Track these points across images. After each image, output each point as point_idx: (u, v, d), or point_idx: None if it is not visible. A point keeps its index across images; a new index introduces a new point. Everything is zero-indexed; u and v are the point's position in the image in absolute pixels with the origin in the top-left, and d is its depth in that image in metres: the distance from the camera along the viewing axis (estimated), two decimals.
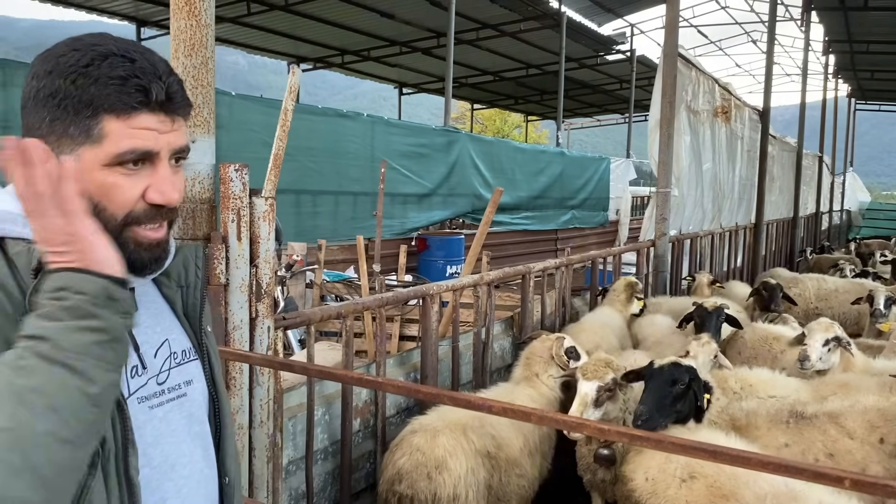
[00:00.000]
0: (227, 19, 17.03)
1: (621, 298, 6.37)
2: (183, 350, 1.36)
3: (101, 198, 1.14)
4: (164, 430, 1.27)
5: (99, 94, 1.11)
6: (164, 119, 1.16)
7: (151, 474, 1.22)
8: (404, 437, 3.52)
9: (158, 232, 1.21)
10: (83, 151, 1.12)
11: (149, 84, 1.13)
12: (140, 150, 1.14)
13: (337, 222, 10.12)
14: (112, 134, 1.12)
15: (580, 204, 17.32)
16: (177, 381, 1.32)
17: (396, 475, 3.37)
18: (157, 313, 1.35)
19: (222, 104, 8.33)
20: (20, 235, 1.13)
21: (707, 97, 9.55)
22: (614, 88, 27.96)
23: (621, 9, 21.71)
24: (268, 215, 2.77)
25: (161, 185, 1.17)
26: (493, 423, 3.64)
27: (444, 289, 4.44)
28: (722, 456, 1.68)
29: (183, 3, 2.58)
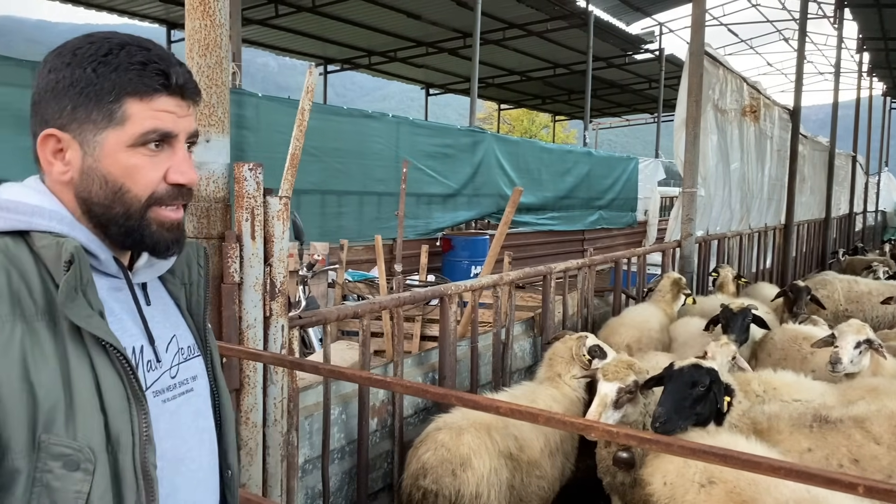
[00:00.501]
0: (255, 21, 17.21)
1: (667, 297, 6.36)
2: (188, 346, 1.39)
3: (126, 179, 1.20)
4: (175, 424, 1.29)
5: (120, 80, 1.17)
6: (182, 103, 1.23)
7: (162, 467, 1.24)
8: (429, 433, 3.54)
9: (178, 213, 1.26)
10: (107, 135, 1.18)
11: (168, 69, 1.20)
12: (162, 131, 1.20)
13: (361, 222, 10.15)
14: (135, 116, 1.18)
15: (608, 204, 17.15)
16: (185, 375, 1.35)
17: (421, 469, 3.39)
18: (165, 309, 1.38)
19: (249, 105, 8.42)
20: (47, 229, 1.17)
21: (735, 96, 9.41)
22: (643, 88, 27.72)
23: (650, 7, 21.53)
24: (282, 214, 2.78)
25: (181, 166, 1.23)
26: (516, 423, 3.63)
27: (463, 289, 4.42)
28: (732, 460, 1.64)
29: (197, 4, 2.59)
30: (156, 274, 1.37)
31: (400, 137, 10.71)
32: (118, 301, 1.26)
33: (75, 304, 1.10)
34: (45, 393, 1.07)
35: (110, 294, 1.25)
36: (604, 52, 21.31)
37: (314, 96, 3.26)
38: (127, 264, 1.30)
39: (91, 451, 1.10)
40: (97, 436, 1.11)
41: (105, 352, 1.14)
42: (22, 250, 1.14)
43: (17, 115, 6.11)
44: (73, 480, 1.08)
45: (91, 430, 1.10)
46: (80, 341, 1.13)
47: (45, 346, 1.09)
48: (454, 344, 4.29)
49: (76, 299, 1.10)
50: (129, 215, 1.20)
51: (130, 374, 1.16)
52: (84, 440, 1.09)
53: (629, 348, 5.44)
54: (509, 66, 23.31)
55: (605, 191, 16.93)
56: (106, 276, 1.26)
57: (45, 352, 1.09)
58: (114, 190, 1.19)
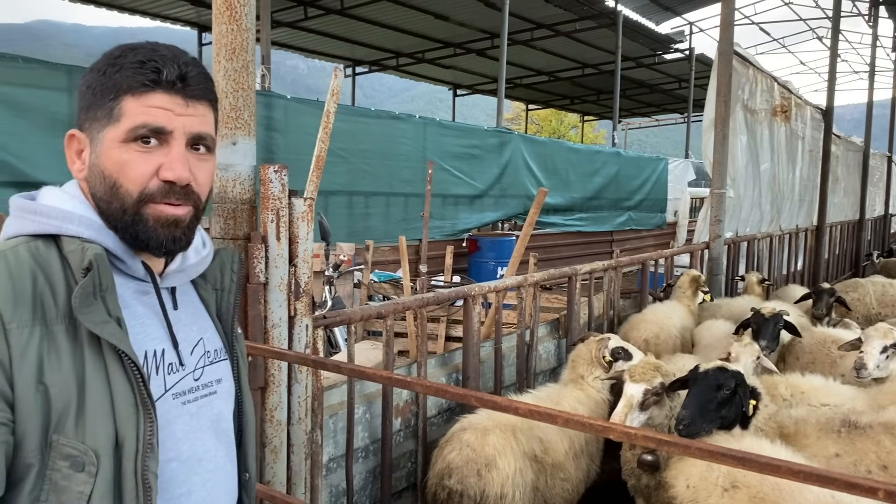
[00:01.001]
0: (284, 23, 17.39)
1: (687, 294, 6.34)
2: (215, 349, 1.41)
3: (118, 175, 1.21)
4: (194, 426, 1.31)
5: (120, 78, 1.20)
6: (179, 101, 1.22)
7: (179, 467, 1.27)
8: (454, 433, 3.56)
9: (177, 209, 1.24)
10: (106, 132, 1.21)
11: (163, 66, 1.21)
12: (152, 126, 1.20)
13: (388, 223, 10.20)
14: (128, 112, 1.20)
15: (637, 205, 17.02)
16: (209, 378, 1.37)
17: (446, 469, 3.41)
18: (194, 312, 1.40)
19: (278, 107, 8.51)
20: (76, 234, 1.20)
21: (765, 96, 9.29)
22: (673, 88, 27.48)
23: (679, 7, 21.33)
24: (306, 216, 2.82)
25: (171, 163, 1.21)
26: (540, 425, 3.63)
27: (487, 290, 4.43)
28: (750, 463, 1.63)
29: (224, 9, 2.64)
30: (186, 278, 1.39)
31: (427, 138, 10.74)
32: (144, 304, 1.29)
33: (91, 310, 1.13)
34: (57, 394, 1.10)
35: (137, 297, 1.28)
36: (633, 52, 21.16)
37: (341, 98, 3.30)
38: (162, 268, 1.33)
39: (95, 455, 1.12)
40: (104, 440, 1.13)
41: (118, 358, 1.16)
42: (52, 254, 1.18)
43: (53, 117, 6.26)
44: (77, 481, 1.11)
45: (98, 433, 1.13)
46: (98, 346, 1.15)
47: (61, 350, 1.12)
48: (478, 345, 4.30)
49: (93, 305, 1.13)
50: (124, 210, 1.21)
51: (140, 382, 1.17)
52: (91, 443, 1.12)
53: (647, 343, 5.43)
54: (537, 66, 23.25)
55: (634, 191, 16.80)
56: (134, 280, 1.29)
57: (60, 355, 1.12)
58: (110, 185, 1.22)
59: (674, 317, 5.86)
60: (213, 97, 1.31)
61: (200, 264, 1.40)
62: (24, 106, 6.11)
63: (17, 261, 1.14)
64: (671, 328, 5.66)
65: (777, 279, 10.29)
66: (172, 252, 1.28)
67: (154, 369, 1.26)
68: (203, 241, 1.43)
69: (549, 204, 13.30)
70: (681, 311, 6.15)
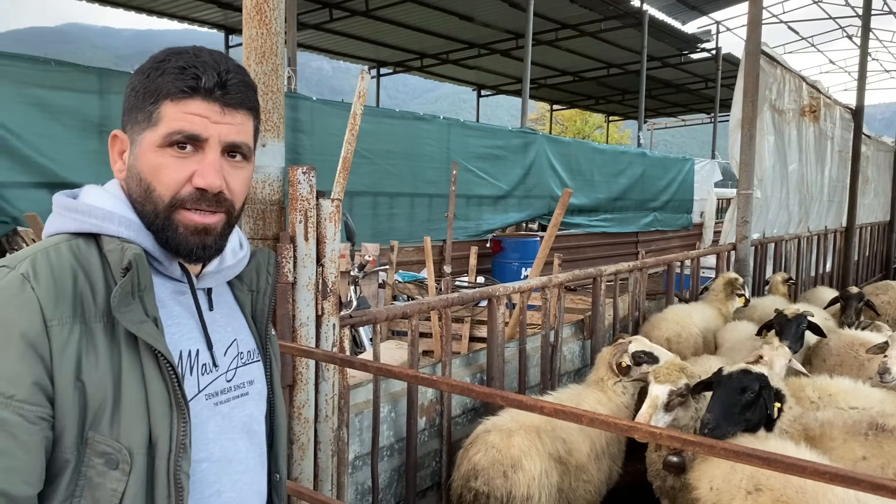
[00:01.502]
0: (310, 26, 17.52)
1: (720, 297, 6.32)
2: (248, 351, 1.42)
3: (152, 178, 1.22)
4: (226, 427, 1.32)
5: (161, 83, 1.21)
6: (216, 108, 1.22)
7: (210, 468, 1.28)
8: (479, 434, 3.56)
9: (207, 217, 1.24)
10: (145, 135, 1.22)
11: (202, 73, 1.21)
12: (187, 133, 1.20)
13: (413, 224, 10.24)
14: (166, 117, 1.20)
15: (662, 206, 16.90)
16: (241, 379, 1.38)
17: (472, 471, 3.41)
18: (229, 314, 1.41)
19: (304, 109, 8.58)
20: (115, 234, 1.22)
21: (793, 96, 9.19)
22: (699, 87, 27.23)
23: (706, 6, 21.15)
24: (333, 216, 2.86)
25: (204, 170, 1.21)
26: (563, 426, 3.64)
27: (511, 290, 4.44)
28: (776, 463, 1.64)
29: (254, 13, 2.69)
30: (222, 279, 1.40)
31: (451, 139, 10.77)
32: (181, 305, 1.30)
33: (129, 310, 1.15)
34: (93, 391, 1.12)
35: (174, 298, 1.30)
36: (659, 52, 21.01)
37: (366, 100, 3.33)
38: (200, 269, 1.34)
39: (129, 453, 1.14)
40: (138, 438, 1.15)
41: (154, 358, 1.17)
42: (92, 253, 1.20)
43: (84, 119, 6.38)
44: (111, 478, 1.12)
45: (133, 432, 1.14)
46: (135, 346, 1.17)
47: (99, 348, 1.14)
48: (502, 345, 4.31)
49: (131, 304, 1.15)
50: (156, 214, 1.22)
51: (175, 382, 1.18)
52: (125, 441, 1.14)
53: (668, 342, 5.42)
54: (562, 66, 23.17)
55: (659, 192, 16.69)
56: (171, 280, 1.30)
57: (98, 353, 1.14)
58: (144, 188, 1.22)
59: (695, 316, 5.83)
60: (253, 105, 1.30)
61: (237, 266, 1.41)
62: (57, 108, 6.23)
63: (59, 259, 1.16)
64: (692, 327, 5.64)
65: (805, 281, 10.17)
66: (202, 259, 1.29)
67: (188, 370, 1.27)
68: (241, 242, 1.44)
69: (573, 204, 13.26)
70: (707, 312, 6.12)
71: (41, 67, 6.21)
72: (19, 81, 6.02)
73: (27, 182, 6.03)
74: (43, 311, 1.10)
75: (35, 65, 6.17)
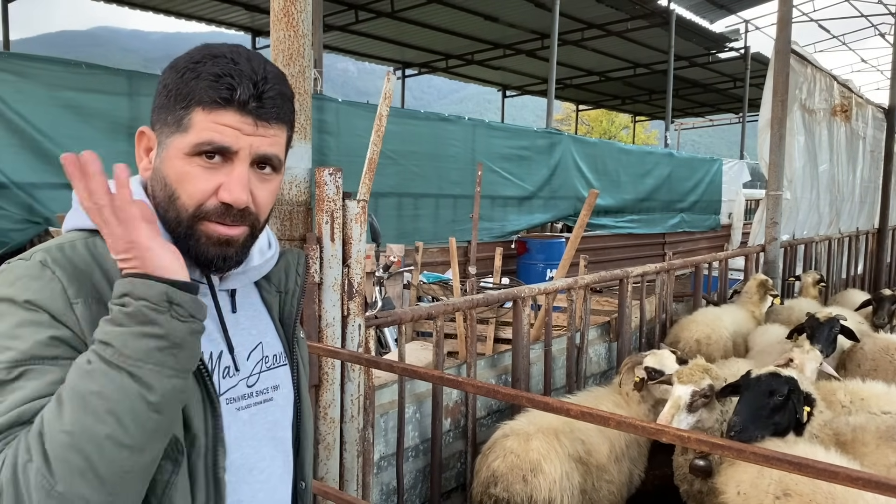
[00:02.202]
0: (336, 27, 17.60)
1: (753, 299, 6.27)
2: (274, 354, 1.38)
3: (177, 186, 1.17)
4: (247, 434, 1.28)
5: (195, 88, 1.15)
6: (249, 121, 1.16)
7: (229, 477, 1.23)
8: (497, 440, 3.53)
9: (231, 230, 1.19)
10: (173, 139, 1.17)
11: (238, 83, 1.15)
12: (217, 144, 1.15)
13: (437, 225, 10.26)
14: (196, 125, 1.15)
15: (690, 207, 16.76)
16: (265, 384, 1.34)
17: (491, 477, 3.39)
18: (254, 316, 1.37)
19: (330, 110, 8.65)
20: None
21: (824, 95, 9.05)
22: (728, 87, 26.90)
23: (734, 5, 20.89)
24: (359, 217, 2.87)
25: (231, 185, 1.16)
26: (581, 428, 3.61)
27: (537, 291, 4.42)
28: (807, 468, 1.61)
29: (282, 15, 2.71)
30: (248, 281, 1.35)
31: (476, 140, 10.77)
32: None
33: None
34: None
35: None
36: (686, 51, 20.79)
37: (392, 101, 3.34)
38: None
39: (181, 444, 1.12)
40: (180, 431, 1.13)
41: None
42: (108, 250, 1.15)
43: (112, 121, 6.48)
44: (162, 470, 1.10)
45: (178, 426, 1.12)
46: None
47: None
48: (527, 347, 4.30)
49: None
50: (178, 222, 1.18)
51: (207, 378, 1.16)
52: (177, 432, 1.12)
53: (699, 344, 5.37)
54: (588, 66, 23.02)
55: (687, 193, 16.56)
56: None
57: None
58: (169, 194, 1.18)
59: (725, 319, 5.77)
60: (289, 118, 1.25)
61: (264, 266, 1.37)
62: (87, 110, 6.34)
63: (75, 253, 1.14)
64: (722, 330, 5.58)
65: (836, 283, 10.01)
66: (221, 270, 1.24)
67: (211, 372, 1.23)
68: (269, 241, 1.40)
69: (599, 205, 13.20)
70: (739, 315, 6.05)
71: (72, 70, 6.32)
72: (51, 84, 6.14)
73: (58, 183, 6.14)
74: (66, 291, 1.07)
75: (67, 68, 6.28)
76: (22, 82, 5.96)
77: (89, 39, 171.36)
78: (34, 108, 6.02)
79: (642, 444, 3.97)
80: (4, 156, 5.88)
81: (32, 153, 6.03)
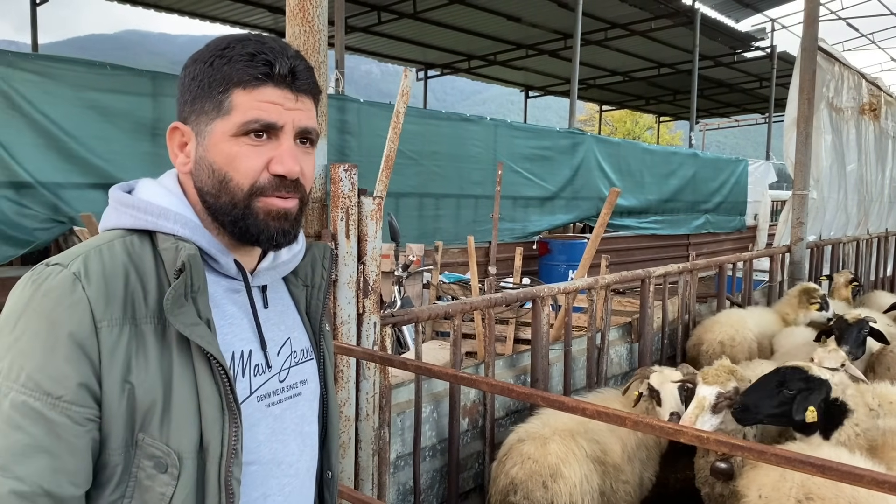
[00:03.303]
0: (358, 29, 17.67)
1: (792, 303, 6.15)
2: (302, 349, 1.39)
3: (228, 168, 1.20)
4: (277, 428, 1.30)
5: (230, 71, 1.19)
6: (289, 95, 1.21)
7: (258, 471, 1.25)
8: (512, 446, 3.44)
9: (287, 202, 1.23)
10: (215, 125, 1.20)
11: (274, 59, 1.19)
12: (264, 121, 1.19)
13: (458, 225, 10.25)
14: (239, 106, 1.18)
15: (715, 208, 16.58)
16: (294, 379, 1.35)
17: (510, 485, 3.30)
18: (283, 311, 1.38)
19: (351, 111, 8.68)
20: (171, 231, 1.20)
21: (852, 93, 8.90)
22: (753, 87, 26.61)
23: (760, 3, 20.65)
24: (375, 214, 2.85)
25: (283, 156, 1.20)
26: (595, 428, 3.54)
27: (557, 291, 4.37)
28: (831, 471, 1.56)
29: (297, 10, 2.70)
30: (278, 275, 1.38)
31: (498, 140, 10.74)
32: (235, 304, 1.28)
33: (182, 312, 1.12)
34: (143, 394, 1.10)
35: (228, 296, 1.27)
36: (711, 51, 20.58)
37: (412, 101, 3.32)
38: (254, 265, 1.32)
39: (178, 457, 1.12)
40: (188, 442, 1.13)
41: (207, 360, 1.15)
42: (146, 250, 1.18)
43: (138, 121, 6.54)
44: (160, 482, 1.11)
45: (183, 435, 1.13)
46: (187, 348, 1.15)
47: (149, 349, 1.12)
48: (547, 347, 4.25)
49: (184, 306, 1.13)
50: (234, 204, 1.20)
51: (227, 386, 1.16)
52: (174, 445, 1.12)
53: (722, 345, 5.29)
54: (611, 66, 22.88)
55: (711, 194, 16.39)
56: (226, 278, 1.28)
57: (148, 354, 1.12)
58: (219, 179, 1.20)
59: (749, 321, 5.67)
60: (317, 90, 1.29)
61: (292, 261, 1.39)
62: (112, 111, 6.41)
63: (112, 257, 1.14)
64: (747, 331, 5.49)
65: (865, 285, 9.83)
66: (281, 245, 1.27)
67: (240, 371, 1.24)
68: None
69: (622, 206, 13.10)
70: (767, 317, 5.95)
71: (98, 72, 6.39)
72: (76, 85, 6.21)
73: (83, 183, 6.21)
74: (93, 312, 1.08)
75: (91, 69, 6.35)
76: (48, 83, 6.04)
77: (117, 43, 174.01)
78: (60, 109, 6.10)
79: (651, 448, 3.86)
80: (31, 156, 5.96)
81: (58, 153, 6.10)
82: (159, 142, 6.36)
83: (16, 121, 5.86)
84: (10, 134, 5.83)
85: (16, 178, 5.86)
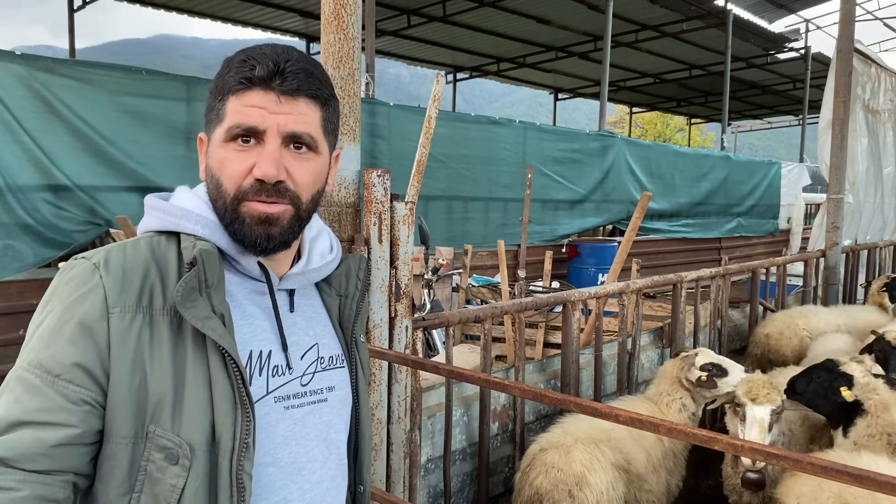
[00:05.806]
0: (388, 32, 17.75)
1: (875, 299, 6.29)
2: (331, 356, 1.39)
3: (220, 173, 1.23)
4: (297, 432, 1.29)
5: (227, 79, 1.22)
6: (272, 98, 1.20)
7: (276, 473, 1.25)
8: (535, 455, 3.41)
9: (270, 207, 1.22)
10: (215, 132, 1.24)
11: (258, 63, 1.20)
12: (244, 125, 1.20)
13: (487, 228, 10.24)
14: (229, 112, 1.21)
15: (747, 211, 16.37)
16: (319, 385, 1.35)
17: (535, 496, 3.27)
18: (312, 317, 1.39)
19: (381, 114, 8.71)
20: (191, 231, 1.24)
21: (889, 95, 8.73)
22: (787, 89, 26.19)
23: (794, 4, 20.34)
24: (407, 219, 2.87)
25: (260, 160, 1.20)
26: (617, 437, 3.49)
27: (587, 295, 4.36)
28: (868, 481, 1.54)
29: (332, 18, 2.73)
30: (307, 282, 1.38)
31: (527, 143, 10.71)
32: (258, 305, 1.29)
33: (194, 305, 1.14)
34: (155, 384, 1.12)
35: (251, 297, 1.29)
36: (744, 52, 20.31)
37: (442, 104, 3.34)
38: (286, 270, 1.34)
39: (190, 449, 1.13)
40: (200, 435, 1.14)
41: (221, 355, 1.16)
42: (171, 249, 1.23)
43: (171, 126, 6.64)
44: (171, 474, 1.12)
45: (194, 428, 1.13)
46: (202, 342, 1.17)
47: (163, 341, 1.14)
48: (577, 351, 4.24)
49: (197, 300, 1.15)
50: (226, 208, 1.23)
51: (239, 380, 1.16)
52: (186, 436, 1.13)
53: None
54: (642, 68, 22.69)
55: (744, 197, 16.18)
56: (251, 280, 1.30)
57: (161, 346, 1.14)
58: (215, 184, 1.24)
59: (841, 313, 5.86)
60: (316, 93, 1.26)
61: (324, 269, 1.40)
62: (147, 115, 6.52)
63: (135, 253, 1.20)
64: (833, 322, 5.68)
65: None
66: (267, 251, 1.25)
67: (257, 370, 1.25)
68: (331, 245, 1.44)
69: (653, 209, 12.98)
70: (859, 311, 6.14)
71: (133, 76, 6.51)
72: (113, 90, 6.33)
73: (119, 186, 6.33)
74: (107, 299, 1.13)
75: (128, 74, 6.47)
76: (85, 88, 6.16)
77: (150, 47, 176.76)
78: (96, 114, 6.21)
79: (678, 454, 3.81)
80: (68, 159, 6.08)
81: (94, 157, 6.22)
82: (192, 145, 6.47)
83: (55, 125, 5.98)
84: (50, 138, 5.95)
85: (54, 181, 5.99)
